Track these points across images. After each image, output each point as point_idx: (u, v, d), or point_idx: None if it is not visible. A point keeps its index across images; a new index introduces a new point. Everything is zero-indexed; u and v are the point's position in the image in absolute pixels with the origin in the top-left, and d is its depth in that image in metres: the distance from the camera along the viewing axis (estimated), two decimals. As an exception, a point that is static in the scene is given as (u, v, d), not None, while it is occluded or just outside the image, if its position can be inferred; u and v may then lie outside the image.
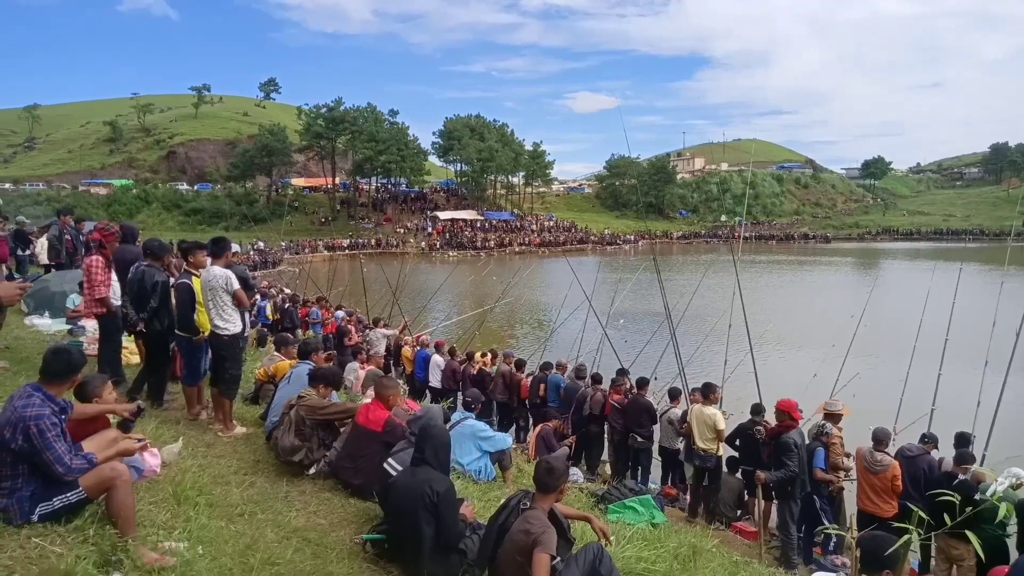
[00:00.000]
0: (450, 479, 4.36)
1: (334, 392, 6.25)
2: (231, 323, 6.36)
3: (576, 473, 9.45)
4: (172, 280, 6.89)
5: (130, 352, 8.32)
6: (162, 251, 7.09)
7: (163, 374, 7.14)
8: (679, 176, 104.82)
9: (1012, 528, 6.04)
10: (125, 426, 4.38)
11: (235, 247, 9.08)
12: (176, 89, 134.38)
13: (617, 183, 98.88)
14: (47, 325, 10.20)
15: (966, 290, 10.55)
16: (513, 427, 11.96)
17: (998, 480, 5.02)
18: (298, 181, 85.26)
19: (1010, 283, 10.61)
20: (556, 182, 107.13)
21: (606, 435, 10.69)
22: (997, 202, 78.65)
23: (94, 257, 7.00)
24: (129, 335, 7.74)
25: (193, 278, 6.50)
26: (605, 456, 10.93)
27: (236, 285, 6.32)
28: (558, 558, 3.84)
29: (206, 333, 6.47)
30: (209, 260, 6.61)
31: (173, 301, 6.70)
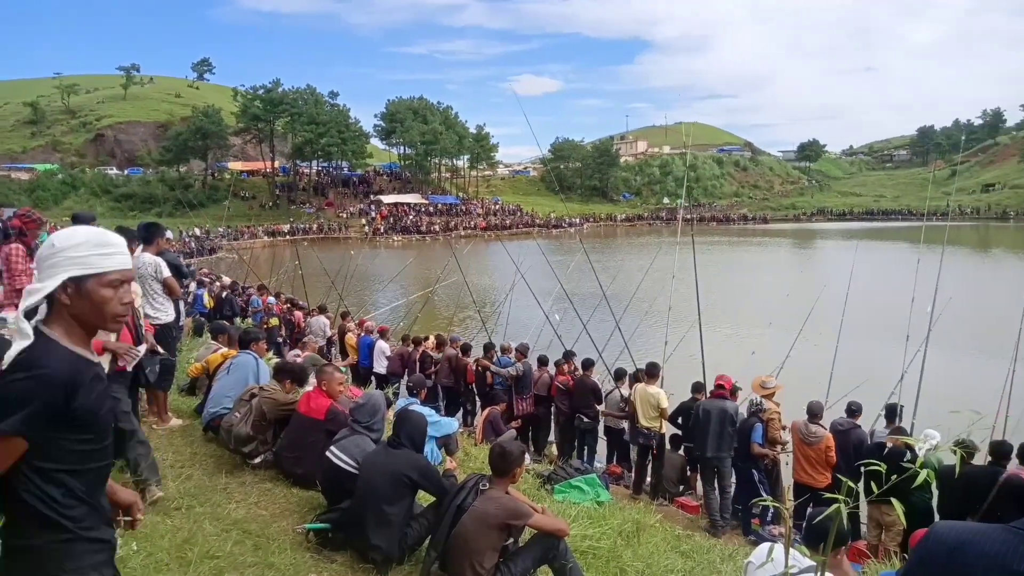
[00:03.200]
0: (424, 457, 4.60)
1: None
2: (163, 312, 6.15)
3: (526, 455, 9.52)
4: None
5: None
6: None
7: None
8: (622, 159, 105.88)
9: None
10: None
11: (169, 234, 8.77)
12: (102, 69, 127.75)
13: (562, 166, 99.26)
14: (-35, 318, 9.66)
15: (895, 268, 11.00)
16: (460, 411, 11.96)
17: (917, 446, 5.27)
18: (235, 165, 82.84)
19: (929, 260, 11.08)
20: (501, 165, 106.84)
21: (552, 416, 10.81)
22: (924, 183, 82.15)
23: (13, 246, 6.63)
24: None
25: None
26: (552, 437, 11.05)
27: (167, 272, 6.11)
28: (511, 539, 3.92)
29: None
30: (140, 247, 6.37)
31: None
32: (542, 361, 11.02)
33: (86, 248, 1.85)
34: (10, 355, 1.73)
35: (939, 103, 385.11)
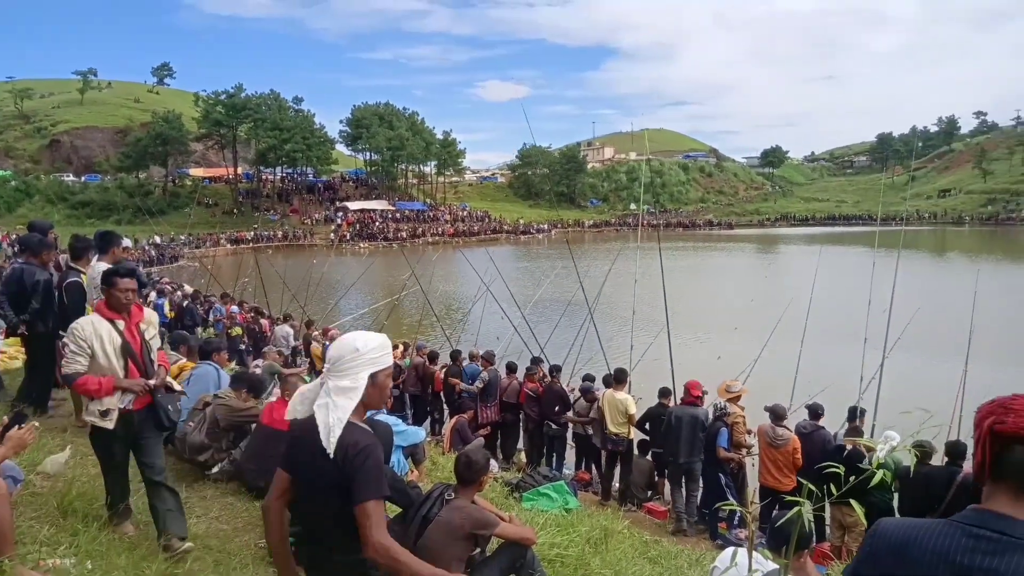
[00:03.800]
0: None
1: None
2: (119, 322, 5.99)
3: (492, 464, 9.47)
4: (55, 278, 6.43)
5: (9, 357, 7.74)
6: (41, 247, 6.57)
7: (48, 379, 6.66)
8: (589, 165, 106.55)
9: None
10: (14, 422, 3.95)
11: (126, 242, 8.56)
12: (58, 73, 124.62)
13: (529, 172, 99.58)
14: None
15: (856, 272, 11.23)
16: (427, 420, 11.87)
17: (878, 447, 5.37)
18: (197, 171, 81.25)
19: (887, 264, 11.33)
20: (468, 171, 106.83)
21: (521, 423, 10.79)
22: (883, 189, 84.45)
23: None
24: (7, 338, 7.19)
25: (82, 276, 6.10)
26: (521, 444, 11.03)
27: (124, 282, 5.94)
28: (478, 549, 3.89)
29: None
30: (96, 256, 6.21)
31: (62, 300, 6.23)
32: (511, 368, 11.00)
33: (379, 351, 2.44)
34: (332, 439, 2.28)
35: (897, 110, 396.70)
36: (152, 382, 4.12)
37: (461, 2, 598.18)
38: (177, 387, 4.49)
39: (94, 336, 3.95)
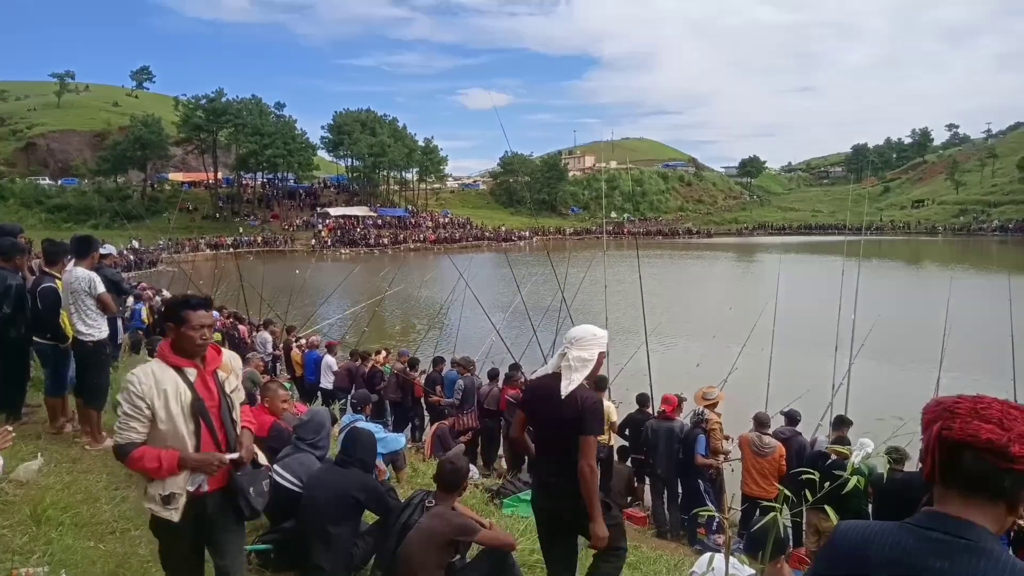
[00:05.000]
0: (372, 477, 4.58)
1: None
2: (96, 329, 5.90)
3: (472, 470, 9.46)
4: (28, 283, 6.34)
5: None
6: (13, 251, 6.45)
7: (20, 385, 6.56)
8: (571, 174, 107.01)
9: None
10: None
11: (110, 248, 8.43)
12: (35, 75, 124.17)
13: (511, 180, 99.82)
14: None
15: (828, 281, 11.37)
16: (408, 427, 11.83)
17: (852, 454, 5.44)
18: (176, 176, 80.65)
19: (861, 274, 11.48)
20: (450, 178, 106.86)
21: (502, 430, 10.78)
22: (858, 199, 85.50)
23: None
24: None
25: (56, 281, 6.02)
26: (502, 451, 11.02)
27: (101, 288, 5.87)
28: (458, 555, 3.90)
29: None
30: (72, 261, 6.14)
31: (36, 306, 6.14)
32: (492, 375, 10.99)
33: (606, 337, 3.54)
34: (568, 389, 3.35)
35: (872, 122, 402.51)
36: (232, 456, 3.07)
37: (444, 10, 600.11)
38: (263, 460, 3.40)
39: (155, 392, 2.92)
